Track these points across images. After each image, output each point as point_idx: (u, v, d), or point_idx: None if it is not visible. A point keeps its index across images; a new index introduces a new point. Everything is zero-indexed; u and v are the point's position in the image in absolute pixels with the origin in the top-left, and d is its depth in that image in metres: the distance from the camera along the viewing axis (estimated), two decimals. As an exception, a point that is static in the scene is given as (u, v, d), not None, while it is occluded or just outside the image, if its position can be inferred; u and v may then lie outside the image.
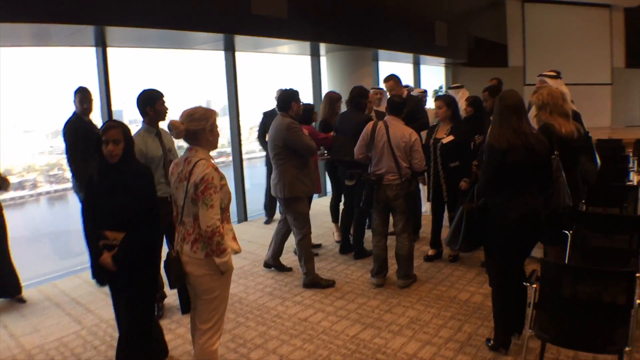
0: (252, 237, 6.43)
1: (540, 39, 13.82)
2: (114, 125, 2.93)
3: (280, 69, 9.26)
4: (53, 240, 7.01)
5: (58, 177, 7.43)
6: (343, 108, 5.92)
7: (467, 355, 3.51)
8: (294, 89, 4.81)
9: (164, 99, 3.94)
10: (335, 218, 6.36)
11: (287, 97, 4.74)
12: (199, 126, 2.74)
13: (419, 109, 6.07)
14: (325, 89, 8.73)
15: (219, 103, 7.53)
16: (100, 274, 2.99)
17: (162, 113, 3.93)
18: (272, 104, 6.67)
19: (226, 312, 3.97)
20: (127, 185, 2.86)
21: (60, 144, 4.91)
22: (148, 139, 3.92)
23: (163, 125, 3.92)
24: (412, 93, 6.40)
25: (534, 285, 2.89)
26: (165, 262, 2.83)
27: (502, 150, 3.11)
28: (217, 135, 2.86)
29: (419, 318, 4.13)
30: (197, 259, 2.74)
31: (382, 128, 4.65)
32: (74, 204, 5.09)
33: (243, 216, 7.39)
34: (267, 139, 4.99)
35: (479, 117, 5.36)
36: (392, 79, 5.98)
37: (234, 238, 2.88)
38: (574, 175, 3.93)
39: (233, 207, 7.09)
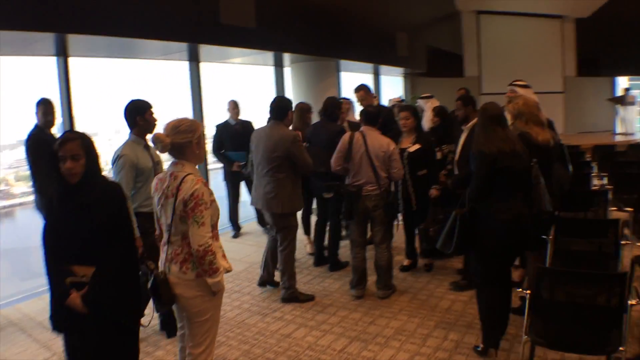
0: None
1: (494, 50, 14.24)
2: (71, 137, 2.41)
3: (241, 80, 9.14)
4: (10, 260, 6.60)
5: (5, 193, 7.09)
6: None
7: (458, 365, 3.49)
8: (286, 97, 4.75)
9: (153, 109, 3.75)
10: (307, 230, 6.26)
11: (284, 106, 4.61)
12: (185, 139, 2.59)
13: (390, 119, 6.08)
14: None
15: (183, 114, 7.33)
16: (63, 319, 2.45)
17: (151, 124, 3.71)
18: (225, 116, 6.56)
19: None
20: (92, 209, 2.38)
21: (7, 157, 4.63)
22: (138, 149, 3.67)
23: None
24: (388, 103, 6.42)
25: (527, 291, 2.90)
26: (152, 284, 2.62)
27: (493, 156, 3.21)
28: (204, 148, 2.73)
29: (403, 328, 4.09)
30: (187, 280, 2.58)
31: (360, 139, 4.61)
32: (25, 221, 4.77)
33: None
34: (253, 149, 4.75)
35: (445, 126, 5.41)
36: (363, 89, 5.98)
37: (224, 256, 2.73)
38: (550, 182, 4.02)
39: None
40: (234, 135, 6.50)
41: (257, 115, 7.11)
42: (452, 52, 14.15)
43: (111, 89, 6.41)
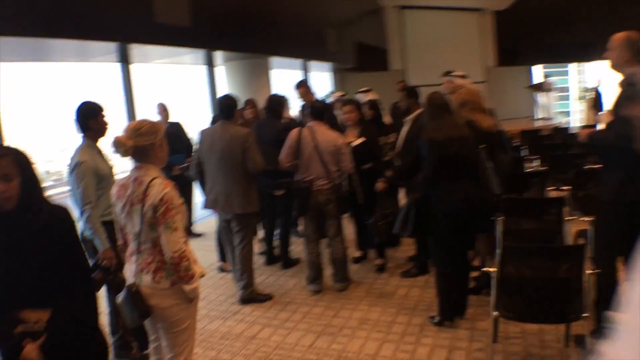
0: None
1: (418, 43, 14.70)
2: (1, 153, 1.95)
3: (168, 81, 8.86)
4: None
5: None
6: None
7: (426, 346, 3.59)
8: (232, 95, 4.68)
9: (105, 112, 3.51)
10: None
11: (232, 104, 4.58)
12: (148, 141, 2.46)
13: (330, 115, 6.12)
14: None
15: (118, 118, 7.00)
16: None
17: (104, 127, 3.47)
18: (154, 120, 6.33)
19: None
20: (36, 241, 1.94)
21: None
22: (94, 155, 3.40)
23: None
24: (328, 99, 6.44)
25: (493, 269, 3.03)
26: (125, 298, 2.47)
27: (443, 143, 3.41)
28: (166, 150, 2.60)
29: (367, 318, 4.15)
30: (162, 289, 2.45)
31: (308, 134, 4.60)
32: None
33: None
34: (204, 149, 4.60)
35: (379, 119, 5.52)
36: (304, 85, 5.99)
37: (195, 261, 2.61)
38: (496, 166, 4.22)
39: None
40: (167, 139, 6.27)
41: (188, 117, 6.95)
42: (377, 47, 14.49)
43: (36, 95, 6.00)
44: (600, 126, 3.22)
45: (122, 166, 3.36)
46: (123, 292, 2.50)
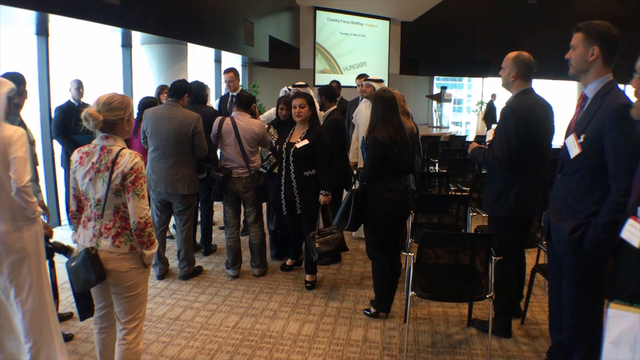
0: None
1: (328, 44, 15.15)
2: None
3: (82, 59, 8.43)
4: None
5: None
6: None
7: (344, 325, 3.91)
8: (185, 80, 4.82)
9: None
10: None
11: (184, 87, 4.70)
12: (117, 116, 2.55)
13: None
14: (137, 81, 8.31)
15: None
16: None
17: (25, 99, 3.35)
18: (66, 97, 6.08)
19: (85, 325, 3.67)
20: None
21: None
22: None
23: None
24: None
25: (411, 253, 3.40)
26: (82, 260, 2.51)
27: (385, 144, 3.65)
28: (132, 123, 2.71)
29: (286, 301, 4.36)
30: (121, 253, 2.55)
31: (229, 124, 4.68)
32: None
33: (57, 220, 6.61)
34: (149, 130, 4.55)
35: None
36: (233, 71, 6.03)
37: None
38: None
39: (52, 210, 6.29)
40: (80, 118, 6.02)
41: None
42: (290, 44, 14.70)
43: None
44: (489, 138, 3.66)
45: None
46: (79, 255, 2.55)
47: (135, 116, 5.24)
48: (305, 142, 4.40)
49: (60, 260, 3.27)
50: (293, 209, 4.59)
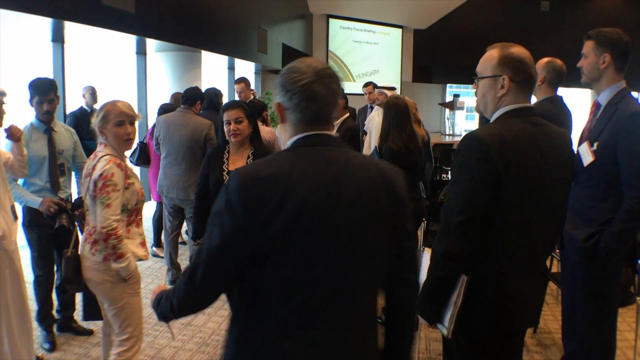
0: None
1: (340, 52, 15.21)
2: None
3: (95, 64, 8.56)
4: None
5: None
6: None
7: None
8: (198, 87, 4.98)
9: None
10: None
11: (196, 94, 4.76)
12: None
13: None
14: (152, 88, 8.41)
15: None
16: None
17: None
18: (79, 103, 6.16)
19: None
20: None
21: None
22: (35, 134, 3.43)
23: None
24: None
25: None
26: (64, 265, 2.55)
27: (402, 154, 3.62)
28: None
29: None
30: (95, 262, 2.53)
31: None
32: None
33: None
34: (162, 136, 4.63)
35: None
36: (244, 81, 6.09)
37: (143, 244, 2.71)
38: (424, 172, 4.67)
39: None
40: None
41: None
42: (303, 52, 14.78)
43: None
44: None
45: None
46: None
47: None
48: None
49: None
50: None
